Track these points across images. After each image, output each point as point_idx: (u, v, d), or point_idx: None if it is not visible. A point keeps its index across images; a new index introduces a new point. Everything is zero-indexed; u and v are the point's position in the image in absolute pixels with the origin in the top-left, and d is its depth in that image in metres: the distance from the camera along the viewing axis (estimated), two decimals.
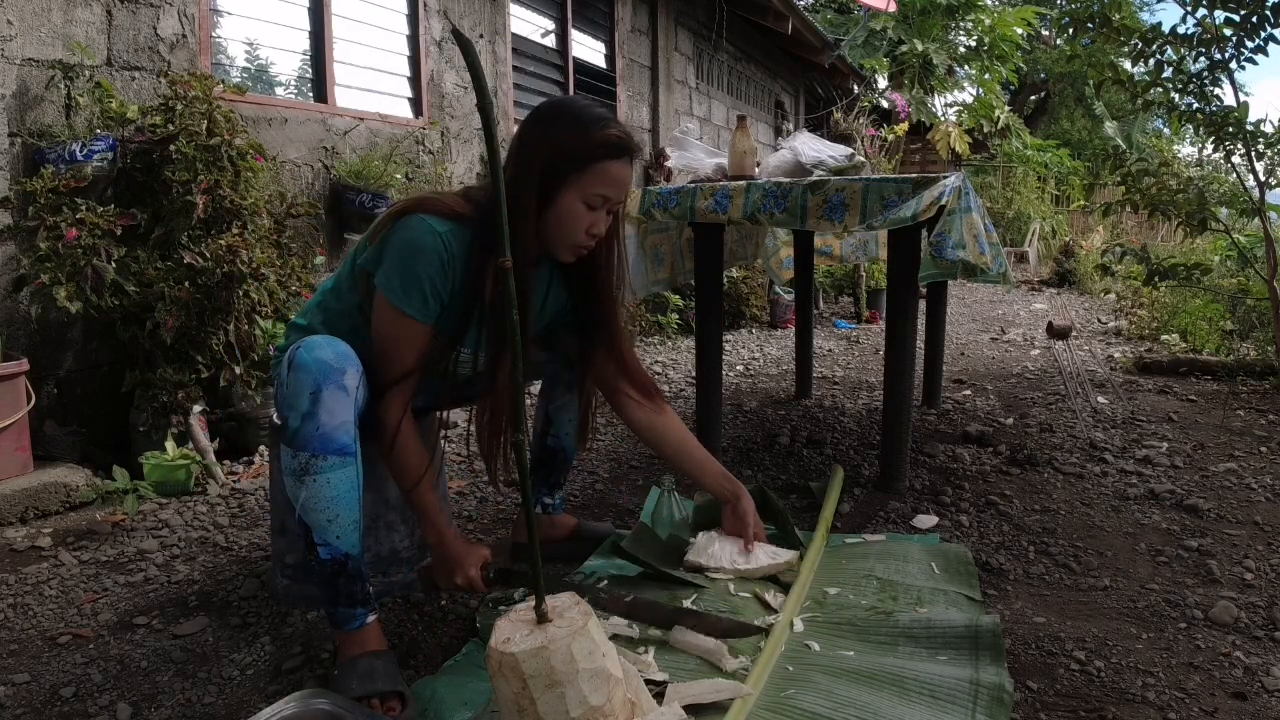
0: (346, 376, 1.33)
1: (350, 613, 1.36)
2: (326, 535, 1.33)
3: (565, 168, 1.39)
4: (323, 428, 1.30)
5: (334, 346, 1.35)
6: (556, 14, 5.30)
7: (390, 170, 3.54)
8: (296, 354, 1.34)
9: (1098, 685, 1.35)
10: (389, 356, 1.42)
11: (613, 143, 1.41)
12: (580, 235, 1.44)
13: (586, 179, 1.40)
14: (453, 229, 1.39)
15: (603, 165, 1.41)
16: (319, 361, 1.32)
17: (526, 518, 1.15)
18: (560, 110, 1.45)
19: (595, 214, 1.43)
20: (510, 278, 1.08)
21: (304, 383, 1.31)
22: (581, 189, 1.40)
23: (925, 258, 2.08)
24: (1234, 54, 3.22)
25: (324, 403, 1.30)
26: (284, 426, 1.33)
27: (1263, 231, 3.64)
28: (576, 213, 1.42)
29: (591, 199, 1.41)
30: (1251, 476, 2.41)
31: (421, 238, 1.37)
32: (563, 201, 1.41)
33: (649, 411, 1.70)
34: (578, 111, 1.43)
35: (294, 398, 1.31)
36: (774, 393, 3.66)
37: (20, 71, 2.44)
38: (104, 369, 2.67)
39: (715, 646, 1.38)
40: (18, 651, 1.52)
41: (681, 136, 3.00)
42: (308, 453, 1.30)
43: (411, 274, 1.38)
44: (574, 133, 1.40)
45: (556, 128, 1.41)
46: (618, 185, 1.43)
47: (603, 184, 1.41)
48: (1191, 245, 6.81)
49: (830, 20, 10.52)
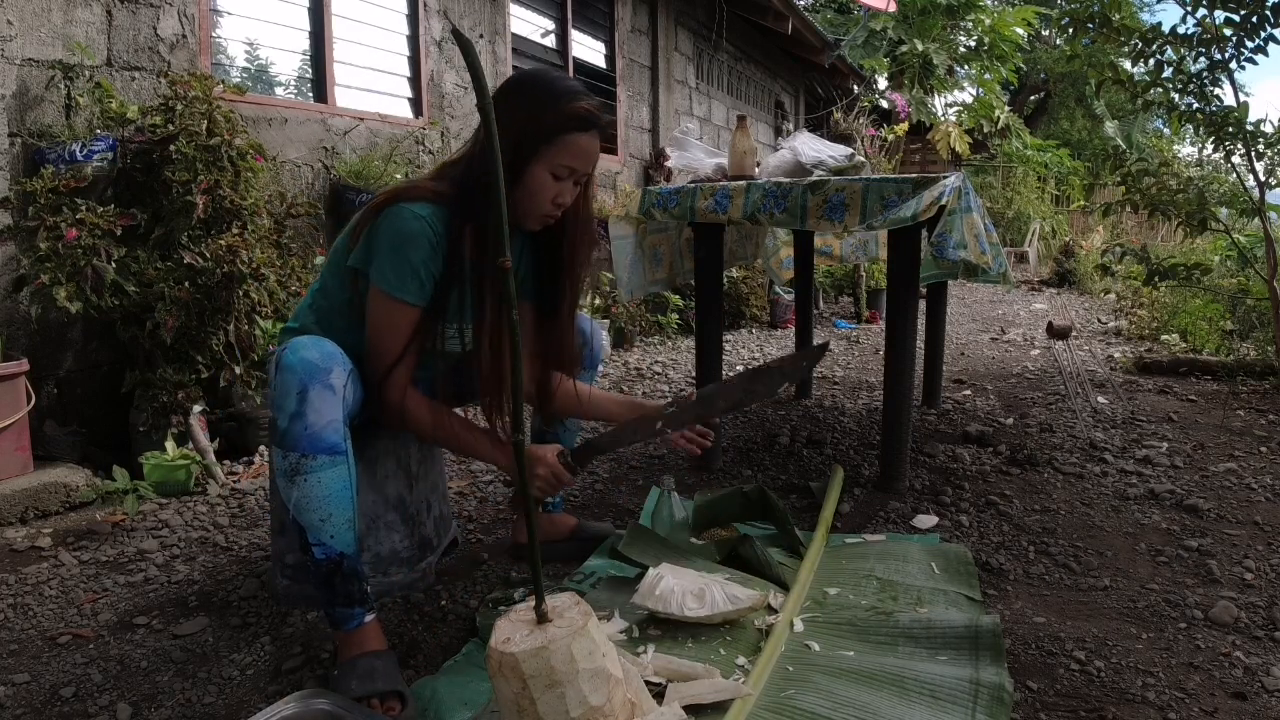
0: (333, 375, 1.34)
1: (348, 612, 1.37)
2: (320, 535, 1.33)
3: (533, 140, 1.40)
4: (311, 427, 1.31)
5: (320, 346, 1.36)
6: (556, 14, 5.30)
7: (390, 170, 3.54)
8: (283, 355, 1.35)
9: (1098, 685, 1.35)
10: (384, 344, 1.42)
11: (581, 115, 1.41)
12: (547, 205, 1.46)
13: (554, 151, 1.41)
14: (434, 210, 1.40)
15: (571, 137, 1.41)
16: (304, 361, 1.33)
17: (527, 518, 1.15)
18: (528, 83, 1.46)
19: (562, 184, 1.45)
20: (510, 278, 1.08)
21: (290, 383, 1.31)
22: (549, 160, 1.42)
23: (926, 258, 2.08)
24: (1234, 54, 3.22)
25: (311, 402, 1.31)
26: (274, 427, 1.34)
27: (1263, 231, 3.64)
28: (545, 183, 1.43)
29: (558, 170, 1.43)
30: (1251, 476, 2.41)
31: (408, 224, 1.38)
32: (531, 173, 1.42)
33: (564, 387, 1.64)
34: (547, 84, 1.44)
35: (281, 399, 1.32)
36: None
37: (20, 71, 2.44)
38: (104, 369, 2.67)
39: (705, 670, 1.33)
40: (18, 651, 1.52)
41: (681, 136, 2.99)
42: (297, 453, 1.31)
43: (404, 262, 1.38)
44: (542, 105, 1.40)
45: (525, 100, 1.41)
46: (585, 157, 1.44)
47: (569, 155, 1.42)
48: (1191, 245, 6.81)
49: (830, 20, 10.53)
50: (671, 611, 1.45)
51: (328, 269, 1.53)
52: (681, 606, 1.46)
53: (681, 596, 1.47)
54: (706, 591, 1.48)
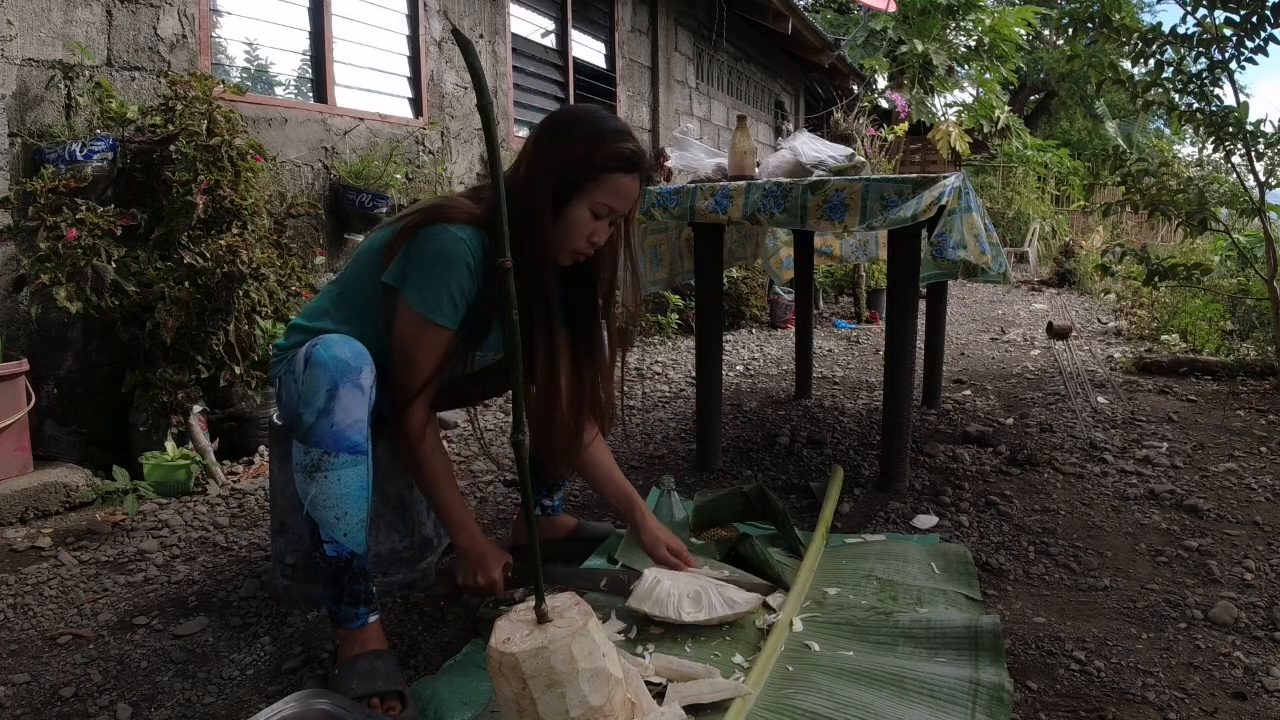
0: (363, 375, 1.34)
1: (353, 611, 1.37)
2: (334, 533, 1.34)
3: (578, 176, 1.42)
4: (337, 425, 1.31)
5: (350, 345, 1.37)
6: (556, 14, 5.30)
7: (390, 170, 3.54)
8: (314, 350, 1.34)
9: (1098, 685, 1.35)
10: (414, 364, 1.42)
11: (626, 156, 1.43)
12: (581, 242, 1.47)
13: (598, 189, 1.43)
14: (473, 233, 1.41)
15: (615, 177, 1.43)
16: (337, 359, 1.33)
17: (526, 518, 1.15)
18: (579, 119, 1.47)
19: (599, 223, 1.46)
20: (510, 278, 1.08)
21: (321, 380, 1.31)
22: (591, 197, 1.43)
23: (926, 258, 2.08)
24: (1234, 54, 3.23)
25: (340, 400, 1.31)
26: (298, 422, 1.34)
27: (1263, 231, 3.64)
28: (583, 220, 1.45)
29: (598, 208, 1.44)
30: (1251, 476, 2.41)
31: (449, 246, 1.38)
32: (572, 209, 1.44)
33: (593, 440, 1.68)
34: (595, 122, 1.46)
35: (310, 394, 1.32)
36: (774, 393, 3.66)
37: (20, 72, 2.44)
38: (104, 369, 2.67)
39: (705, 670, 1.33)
40: (18, 651, 1.52)
41: (681, 136, 2.99)
42: (320, 449, 1.31)
43: (441, 283, 1.39)
44: (590, 143, 1.42)
45: (574, 136, 1.43)
46: (625, 198, 1.46)
47: (611, 195, 1.44)
48: (1191, 245, 6.81)
49: (830, 20, 10.53)
50: (668, 615, 1.45)
51: (352, 274, 1.52)
52: (678, 610, 1.45)
53: (678, 600, 1.46)
54: (703, 595, 1.47)
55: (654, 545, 1.63)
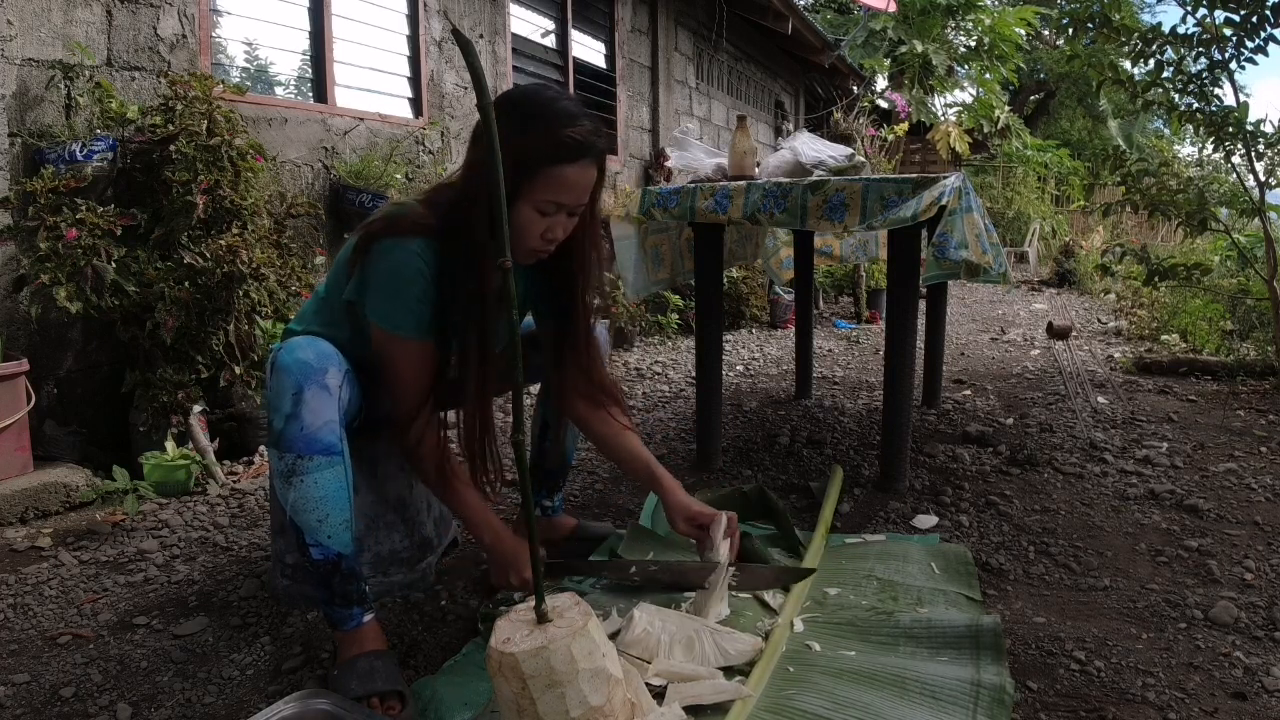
0: (328, 376, 1.33)
1: (346, 613, 1.37)
2: (318, 536, 1.33)
3: (513, 174, 1.27)
4: (306, 428, 1.30)
5: (315, 346, 1.35)
6: (556, 14, 5.30)
7: (390, 170, 3.54)
8: (278, 356, 1.34)
9: (1098, 685, 1.35)
10: (399, 378, 1.41)
11: (566, 145, 1.30)
12: (535, 241, 1.38)
13: (536, 187, 1.32)
14: (424, 244, 1.36)
15: (554, 170, 1.31)
16: (299, 362, 1.32)
17: (526, 518, 1.15)
18: (510, 107, 1.32)
19: (550, 219, 1.36)
20: (510, 278, 1.08)
21: (286, 384, 1.31)
22: (531, 197, 1.33)
23: (929, 259, 2.08)
24: (1234, 54, 3.23)
25: (306, 403, 1.30)
26: (270, 429, 1.34)
27: (1263, 231, 3.64)
28: (530, 219, 1.35)
29: (543, 205, 1.34)
30: (1251, 476, 2.41)
31: (401, 261, 1.35)
32: (516, 209, 1.33)
33: (614, 428, 1.64)
34: (528, 109, 1.32)
35: (277, 399, 1.32)
36: (774, 393, 3.66)
37: (20, 72, 2.44)
38: (104, 369, 2.67)
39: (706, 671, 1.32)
40: (18, 651, 1.52)
41: (681, 136, 2.99)
42: (293, 454, 1.31)
43: (399, 299, 1.36)
44: (521, 136, 1.28)
45: (503, 129, 1.16)
46: (573, 190, 1.34)
47: (554, 190, 1.32)
48: (1191, 245, 6.81)
49: (830, 20, 10.53)
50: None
51: (331, 282, 1.51)
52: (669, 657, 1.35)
53: (669, 646, 1.37)
54: (695, 641, 1.38)
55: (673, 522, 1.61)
